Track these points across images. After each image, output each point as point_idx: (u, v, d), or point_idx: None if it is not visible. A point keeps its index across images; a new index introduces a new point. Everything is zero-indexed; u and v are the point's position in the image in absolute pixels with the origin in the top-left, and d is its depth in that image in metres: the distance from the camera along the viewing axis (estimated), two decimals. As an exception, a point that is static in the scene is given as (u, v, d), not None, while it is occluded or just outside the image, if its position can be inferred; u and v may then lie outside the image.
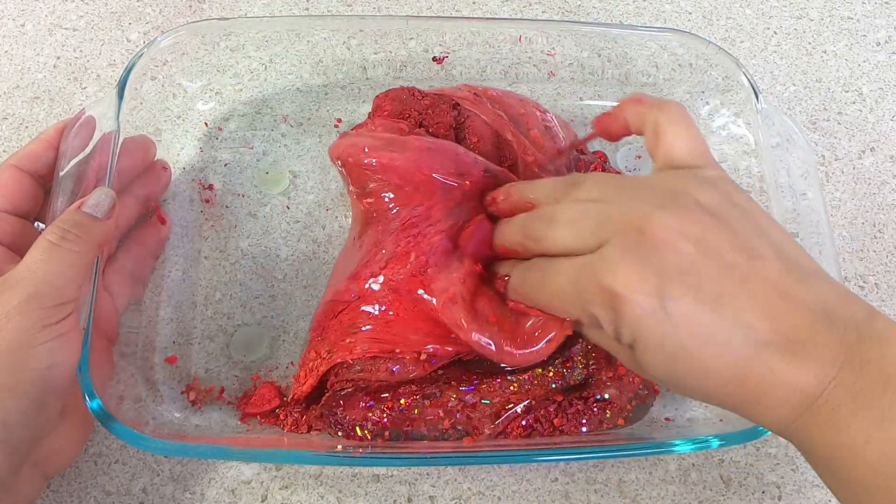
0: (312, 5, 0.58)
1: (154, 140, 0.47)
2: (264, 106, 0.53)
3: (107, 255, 0.41)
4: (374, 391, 0.41)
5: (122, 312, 0.43)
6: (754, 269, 0.32)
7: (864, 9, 0.60)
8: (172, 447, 0.38)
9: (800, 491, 0.44)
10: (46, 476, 0.39)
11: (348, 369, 0.41)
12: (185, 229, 0.49)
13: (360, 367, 0.41)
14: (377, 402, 0.41)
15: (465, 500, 0.43)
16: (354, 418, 0.41)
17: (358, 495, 0.43)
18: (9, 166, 0.42)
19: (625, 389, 0.42)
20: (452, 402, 0.41)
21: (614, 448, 0.40)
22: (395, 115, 0.47)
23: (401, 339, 0.41)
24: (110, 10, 0.57)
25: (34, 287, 0.35)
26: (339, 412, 0.41)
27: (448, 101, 0.48)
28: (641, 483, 0.44)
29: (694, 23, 0.59)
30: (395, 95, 0.48)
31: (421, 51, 0.52)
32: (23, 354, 0.34)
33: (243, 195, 0.50)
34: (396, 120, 0.47)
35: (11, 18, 0.57)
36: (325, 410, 0.41)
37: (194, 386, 0.44)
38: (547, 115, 0.50)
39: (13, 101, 0.54)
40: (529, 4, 0.59)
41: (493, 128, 0.47)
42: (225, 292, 0.47)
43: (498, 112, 0.48)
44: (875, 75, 0.58)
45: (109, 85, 0.55)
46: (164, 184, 0.48)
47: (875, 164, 0.54)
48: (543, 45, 0.52)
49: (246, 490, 0.43)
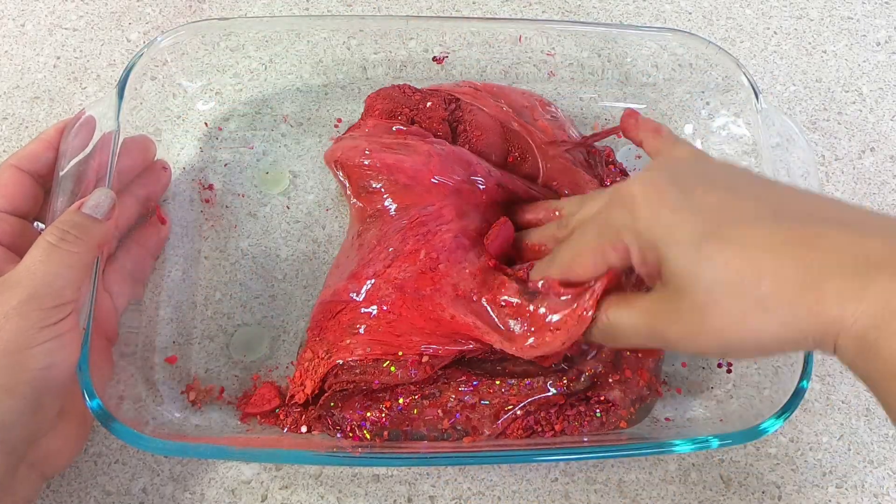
0: (312, 5, 0.58)
1: (154, 140, 0.47)
2: (264, 106, 0.53)
3: (107, 255, 0.41)
4: (372, 391, 0.41)
5: (122, 312, 0.43)
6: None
7: (864, 9, 0.60)
8: (172, 447, 0.38)
9: (800, 491, 0.44)
10: (45, 476, 0.39)
11: (348, 371, 0.41)
12: (185, 229, 0.49)
13: (361, 370, 0.41)
14: (375, 403, 0.41)
15: (465, 500, 0.43)
16: (352, 418, 0.41)
17: (358, 495, 0.43)
18: (9, 166, 0.42)
19: (629, 391, 0.42)
20: (452, 402, 0.41)
21: (614, 448, 0.40)
22: (387, 113, 0.47)
23: (404, 340, 0.41)
24: (110, 10, 0.57)
25: (33, 288, 0.35)
26: (337, 413, 0.41)
27: (442, 96, 0.48)
28: (641, 483, 0.44)
29: (694, 23, 0.59)
30: (386, 94, 0.48)
31: (421, 51, 0.52)
32: (21, 355, 0.34)
33: (243, 195, 0.50)
34: (388, 119, 0.47)
35: (11, 18, 0.57)
36: (323, 411, 0.41)
37: (194, 386, 0.44)
38: (550, 106, 0.50)
39: (13, 101, 0.54)
40: (529, 4, 0.59)
41: (498, 120, 0.47)
42: (225, 292, 0.47)
43: (500, 104, 0.48)
44: (875, 75, 0.58)
45: (109, 85, 0.55)
46: (164, 184, 0.48)
47: (875, 164, 0.54)
48: (543, 45, 0.52)
49: (246, 490, 0.43)
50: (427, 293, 0.41)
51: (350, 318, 0.42)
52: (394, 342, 0.41)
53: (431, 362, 0.41)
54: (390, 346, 0.41)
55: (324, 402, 0.41)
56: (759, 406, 0.41)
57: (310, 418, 0.42)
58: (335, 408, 0.41)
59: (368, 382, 0.40)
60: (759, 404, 0.42)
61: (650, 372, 0.44)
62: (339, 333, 0.42)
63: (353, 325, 0.41)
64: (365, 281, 0.42)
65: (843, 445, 0.45)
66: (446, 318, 0.41)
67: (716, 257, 0.30)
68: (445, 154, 0.44)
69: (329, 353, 0.41)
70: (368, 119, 0.47)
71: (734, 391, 0.45)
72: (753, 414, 0.41)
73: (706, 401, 0.45)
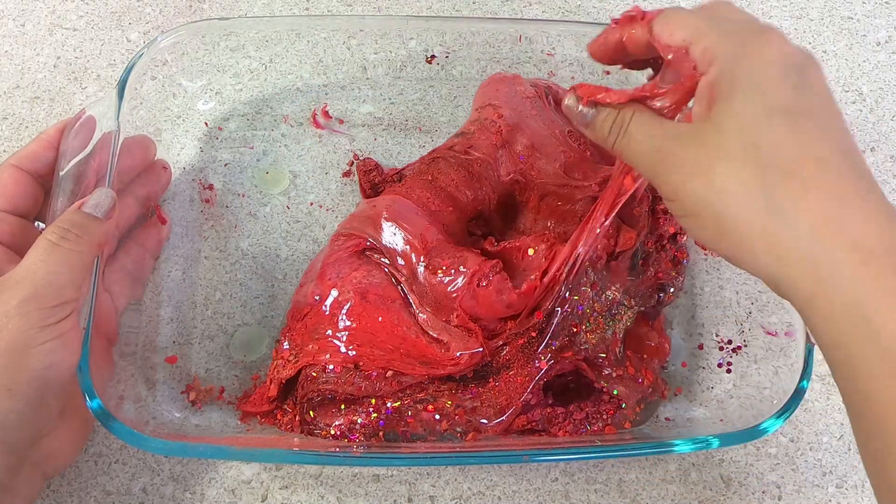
0: (312, 5, 0.58)
1: (154, 140, 0.47)
2: (264, 106, 0.53)
3: (107, 255, 0.41)
4: (346, 400, 0.41)
5: (122, 312, 0.43)
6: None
7: (864, 9, 0.60)
8: (172, 447, 0.38)
9: (800, 491, 0.44)
10: (45, 476, 0.39)
11: (313, 381, 0.40)
12: (185, 229, 0.49)
13: (326, 379, 0.40)
14: (360, 408, 0.40)
15: (465, 500, 0.43)
16: (328, 424, 0.40)
17: (358, 495, 0.43)
18: (9, 166, 0.42)
19: (634, 391, 0.42)
20: (449, 407, 0.41)
21: (614, 448, 0.40)
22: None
23: (365, 352, 0.40)
24: (110, 10, 0.57)
25: (34, 287, 0.35)
26: (321, 421, 0.40)
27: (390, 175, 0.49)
28: (641, 483, 0.44)
29: (694, 23, 0.59)
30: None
31: (421, 51, 0.52)
32: (22, 355, 0.34)
33: (243, 195, 0.50)
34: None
35: (11, 18, 0.57)
36: (301, 419, 0.41)
37: (194, 386, 0.44)
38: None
39: (13, 101, 0.54)
40: (529, 4, 0.59)
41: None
42: (225, 292, 0.47)
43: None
44: (875, 75, 0.58)
45: (109, 85, 0.55)
46: (164, 184, 0.48)
47: (875, 164, 0.54)
48: (543, 45, 0.52)
49: (246, 490, 0.43)
50: (393, 306, 0.41)
51: (314, 321, 0.41)
52: (358, 352, 0.40)
53: (397, 378, 0.40)
54: (350, 359, 0.40)
55: (299, 412, 0.41)
56: (759, 406, 0.42)
57: (294, 425, 0.42)
58: (314, 417, 0.40)
59: (334, 393, 0.40)
60: (759, 404, 0.42)
61: (655, 373, 0.44)
62: (304, 337, 0.41)
63: (317, 330, 0.41)
64: (328, 282, 0.41)
65: (843, 445, 0.45)
66: (411, 337, 0.40)
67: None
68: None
69: (296, 356, 0.41)
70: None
71: (734, 391, 0.45)
72: (753, 414, 0.41)
73: (706, 401, 0.45)
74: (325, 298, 0.42)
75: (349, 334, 0.41)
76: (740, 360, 0.46)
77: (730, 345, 0.47)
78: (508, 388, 0.41)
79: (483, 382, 0.41)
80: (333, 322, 0.41)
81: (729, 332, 0.47)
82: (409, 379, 0.40)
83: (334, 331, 0.41)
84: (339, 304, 0.41)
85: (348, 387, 0.40)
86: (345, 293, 0.41)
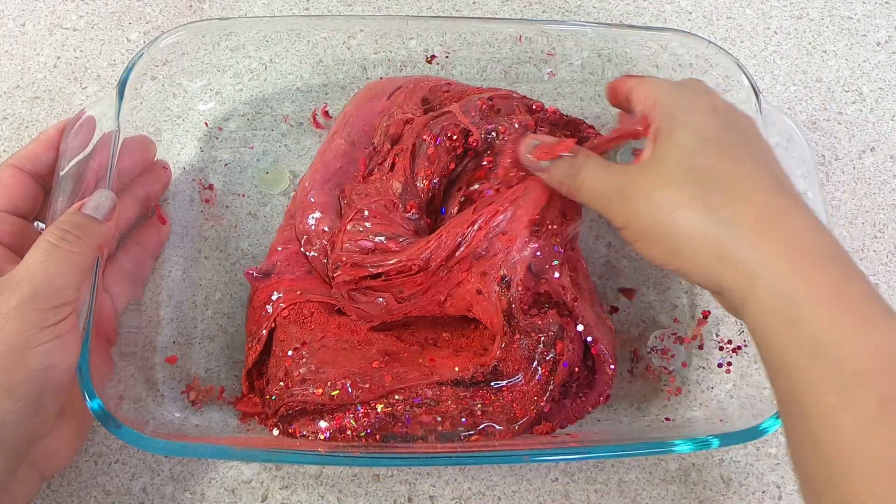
0: (312, 5, 0.58)
1: (154, 140, 0.47)
2: (264, 106, 0.53)
3: (107, 255, 0.41)
4: (323, 410, 0.40)
5: (122, 312, 0.43)
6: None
7: (864, 9, 0.60)
8: (172, 447, 0.38)
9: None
10: (44, 476, 0.39)
11: (285, 391, 0.40)
12: (185, 229, 0.49)
13: (289, 394, 0.40)
14: (326, 419, 0.40)
15: (465, 500, 0.43)
16: (308, 433, 0.40)
17: (358, 495, 0.43)
18: (9, 166, 0.42)
19: (593, 315, 0.43)
20: (453, 409, 0.40)
21: (614, 448, 0.40)
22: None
23: (331, 375, 0.40)
24: (110, 10, 0.57)
25: (33, 288, 0.35)
26: (307, 429, 0.40)
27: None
28: (641, 483, 0.44)
29: (694, 23, 0.59)
30: None
31: (421, 51, 0.52)
32: (21, 355, 0.34)
33: (243, 195, 0.50)
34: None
35: (11, 18, 0.57)
36: (282, 433, 0.41)
37: (194, 386, 0.44)
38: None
39: (13, 101, 0.54)
40: (529, 4, 0.59)
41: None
42: (225, 292, 0.47)
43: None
44: (875, 75, 0.58)
45: (109, 85, 0.55)
46: (164, 184, 0.48)
47: (875, 164, 0.54)
48: (543, 45, 0.52)
49: (246, 490, 0.43)
50: (327, 315, 0.42)
51: (262, 299, 0.43)
52: (331, 383, 0.40)
53: (376, 382, 0.40)
54: (328, 395, 0.40)
55: (278, 424, 0.41)
56: (759, 406, 0.42)
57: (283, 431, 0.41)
58: (294, 428, 0.40)
59: (306, 404, 0.40)
60: (759, 404, 0.42)
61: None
62: (257, 320, 0.43)
63: (264, 306, 0.43)
64: (275, 254, 0.42)
65: (843, 445, 0.45)
66: (363, 329, 0.42)
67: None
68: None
69: (252, 343, 0.42)
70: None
71: (734, 391, 0.45)
72: (753, 414, 0.41)
73: (706, 401, 0.45)
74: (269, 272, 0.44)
75: (292, 321, 0.42)
76: (740, 360, 0.46)
77: (730, 345, 0.47)
78: (522, 398, 0.41)
79: (492, 388, 0.41)
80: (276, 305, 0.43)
81: (729, 332, 0.47)
82: (392, 383, 0.40)
83: (278, 317, 0.42)
84: (279, 280, 0.43)
85: (318, 398, 0.40)
86: (287, 262, 0.43)
